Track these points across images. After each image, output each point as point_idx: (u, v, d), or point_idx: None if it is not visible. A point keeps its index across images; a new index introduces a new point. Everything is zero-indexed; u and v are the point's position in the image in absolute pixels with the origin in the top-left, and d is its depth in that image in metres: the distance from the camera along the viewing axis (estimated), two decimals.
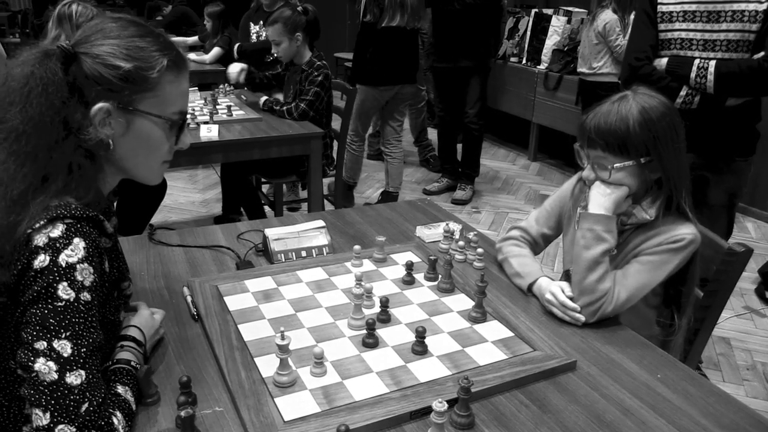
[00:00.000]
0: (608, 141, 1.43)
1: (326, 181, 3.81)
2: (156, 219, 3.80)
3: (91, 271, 1.00)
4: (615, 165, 1.44)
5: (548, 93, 5.51)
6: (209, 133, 2.98)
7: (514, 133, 6.34)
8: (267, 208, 3.99)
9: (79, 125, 1.06)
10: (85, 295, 0.98)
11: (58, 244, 0.98)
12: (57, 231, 0.99)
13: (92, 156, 1.09)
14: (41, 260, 0.97)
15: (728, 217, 2.70)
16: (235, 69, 3.63)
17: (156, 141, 1.15)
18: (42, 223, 0.99)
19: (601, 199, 1.46)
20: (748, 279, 3.67)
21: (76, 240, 0.99)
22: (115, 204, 3.27)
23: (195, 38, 6.07)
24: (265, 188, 4.55)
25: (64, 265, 0.97)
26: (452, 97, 4.80)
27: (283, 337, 1.14)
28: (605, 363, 1.31)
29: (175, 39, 5.56)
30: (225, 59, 5.12)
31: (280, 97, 3.72)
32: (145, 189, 3.23)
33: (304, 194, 4.01)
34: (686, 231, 1.47)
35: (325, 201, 3.91)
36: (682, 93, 2.48)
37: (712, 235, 1.64)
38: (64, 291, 0.96)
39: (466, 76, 4.65)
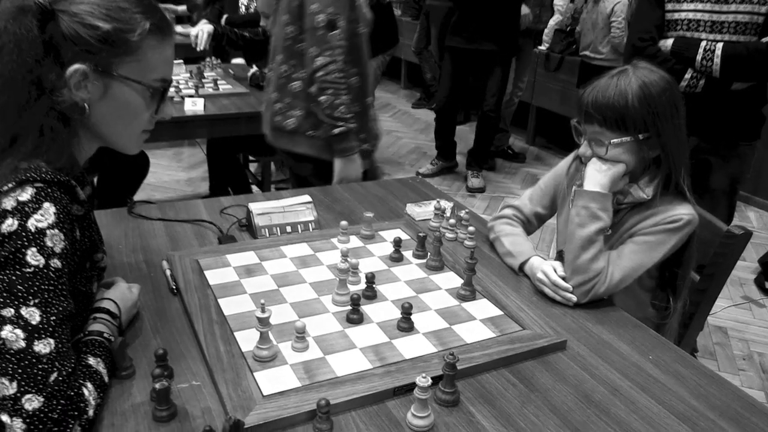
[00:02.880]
0: (606, 116, 1.43)
1: None
2: (138, 198, 3.78)
3: (62, 237, 0.99)
4: (612, 141, 1.44)
5: (549, 75, 5.50)
6: (194, 106, 2.97)
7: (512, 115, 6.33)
8: (255, 188, 3.98)
9: (53, 86, 1.04)
10: (55, 262, 0.97)
11: (27, 208, 0.97)
12: (26, 194, 0.98)
13: (66, 120, 1.08)
14: (9, 224, 0.96)
15: (729, 204, 2.71)
16: (194, 32, 3.34)
17: (135, 108, 1.13)
18: (10, 185, 0.98)
19: (597, 176, 1.46)
20: (748, 269, 3.69)
21: (46, 205, 0.98)
22: (95, 180, 3.25)
23: (184, 7, 5.99)
24: (253, 167, 4.53)
25: (33, 230, 0.96)
26: (467, 81, 4.70)
27: (263, 310, 1.14)
28: (596, 343, 1.31)
29: (164, 6, 5.48)
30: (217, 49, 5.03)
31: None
32: (126, 165, 3.24)
33: None
34: (684, 211, 1.47)
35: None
36: (687, 76, 2.47)
37: (710, 217, 1.64)
38: (33, 257, 0.95)
39: (488, 61, 4.53)
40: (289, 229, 1.70)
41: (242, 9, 4.85)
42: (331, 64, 2.06)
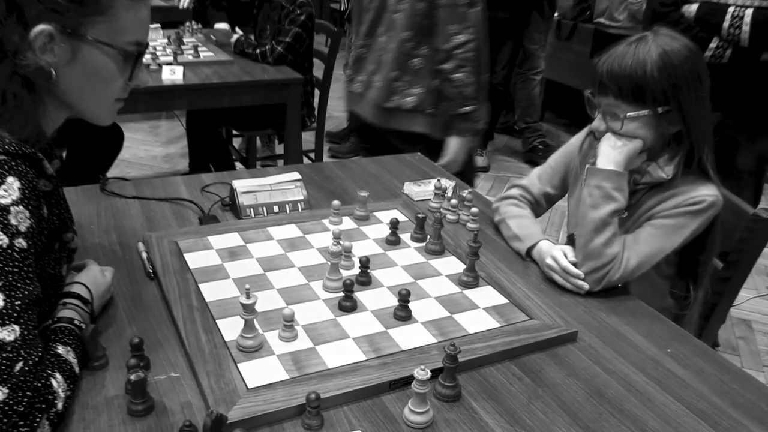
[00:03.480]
0: (622, 86, 1.42)
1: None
2: (111, 175, 3.76)
3: (28, 215, 0.99)
4: (628, 114, 1.43)
5: (560, 44, 5.47)
6: (173, 75, 2.95)
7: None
8: (239, 165, 3.97)
9: (16, 49, 1.03)
10: (20, 242, 0.97)
11: None
12: None
13: (31, 86, 1.07)
14: None
15: (756, 185, 2.72)
16: None
17: (106, 74, 1.12)
18: None
19: (611, 153, 1.46)
20: None
21: (10, 179, 0.98)
22: (63, 155, 3.24)
23: None
24: (236, 142, 4.52)
25: None
26: None
27: (248, 296, 1.14)
28: (609, 335, 1.32)
29: None
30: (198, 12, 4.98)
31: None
32: (98, 139, 3.22)
33: (280, 149, 4.00)
34: (707, 192, 1.47)
35: (305, 158, 3.90)
36: (712, 45, 2.47)
37: (735, 199, 1.64)
38: None
39: (501, 30, 4.51)
40: (276, 208, 1.69)
41: None
42: (471, 42, 2.15)
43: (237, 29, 3.76)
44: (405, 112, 2.28)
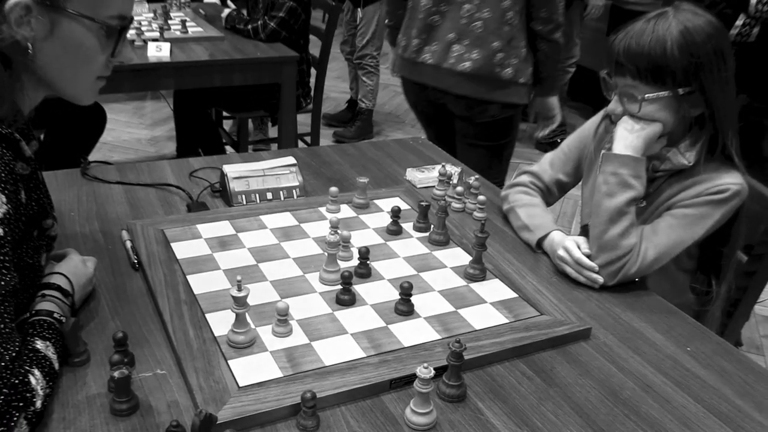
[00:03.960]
0: (640, 66, 1.42)
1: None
2: (93, 158, 3.76)
3: (4, 200, 0.99)
4: (647, 95, 1.43)
5: None
6: (159, 52, 2.95)
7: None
8: (229, 149, 3.97)
9: None
10: None
11: None
12: None
13: (7, 61, 1.07)
14: None
15: None
16: None
17: (87, 50, 1.12)
18: None
19: (628, 137, 1.46)
20: None
21: None
22: (42, 137, 3.23)
23: None
24: (227, 125, 4.51)
25: None
26: None
27: (240, 288, 1.14)
28: (625, 332, 1.32)
29: None
30: None
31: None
32: (79, 119, 3.22)
33: (274, 132, 3.99)
34: (731, 180, 1.46)
35: (300, 142, 3.89)
36: (738, 22, 2.46)
37: (761, 188, 1.64)
38: None
39: None
40: (269, 195, 1.70)
41: None
42: (561, 5, 2.36)
43: (228, 3, 3.75)
44: (503, 82, 2.41)
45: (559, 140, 4.91)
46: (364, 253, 1.38)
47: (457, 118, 2.55)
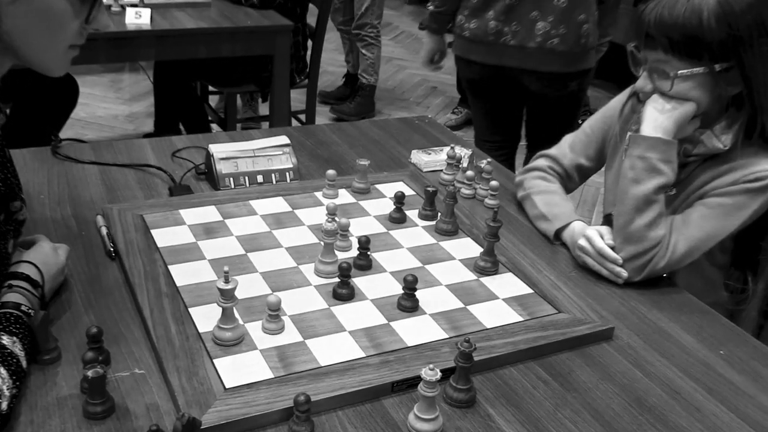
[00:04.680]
0: (673, 39, 1.41)
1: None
2: (65, 135, 3.76)
3: None
4: (679, 72, 1.43)
5: None
6: (138, 19, 2.94)
7: None
8: (215, 127, 3.97)
9: None
10: None
11: None
12: None
13: None
14: None
15: None
16: None
17: (59, 16, 1.12)
18: None
19: (658, 118, 1.45)
20: None
21: None
22: (8, 111, 3.23)
23: None
24: (213, 100, 4.51)
25: None
26: None
27: (227, 280, 1.14)
28: (651, 333, 1.32)
29: None
30: None
31: None
32: (49, 92, 3.21)
33: (264, 109, 3.99)
34: None
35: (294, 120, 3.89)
36: None
37: None
38: None
39: None
40: (260, 178, 1.70)
41: None
42: None
43: None
44: (586, 51, 2.60)
45: (580, 121, 4.93)
46: (364, 243, 1.38)
47: (532, 93, 2.71)
